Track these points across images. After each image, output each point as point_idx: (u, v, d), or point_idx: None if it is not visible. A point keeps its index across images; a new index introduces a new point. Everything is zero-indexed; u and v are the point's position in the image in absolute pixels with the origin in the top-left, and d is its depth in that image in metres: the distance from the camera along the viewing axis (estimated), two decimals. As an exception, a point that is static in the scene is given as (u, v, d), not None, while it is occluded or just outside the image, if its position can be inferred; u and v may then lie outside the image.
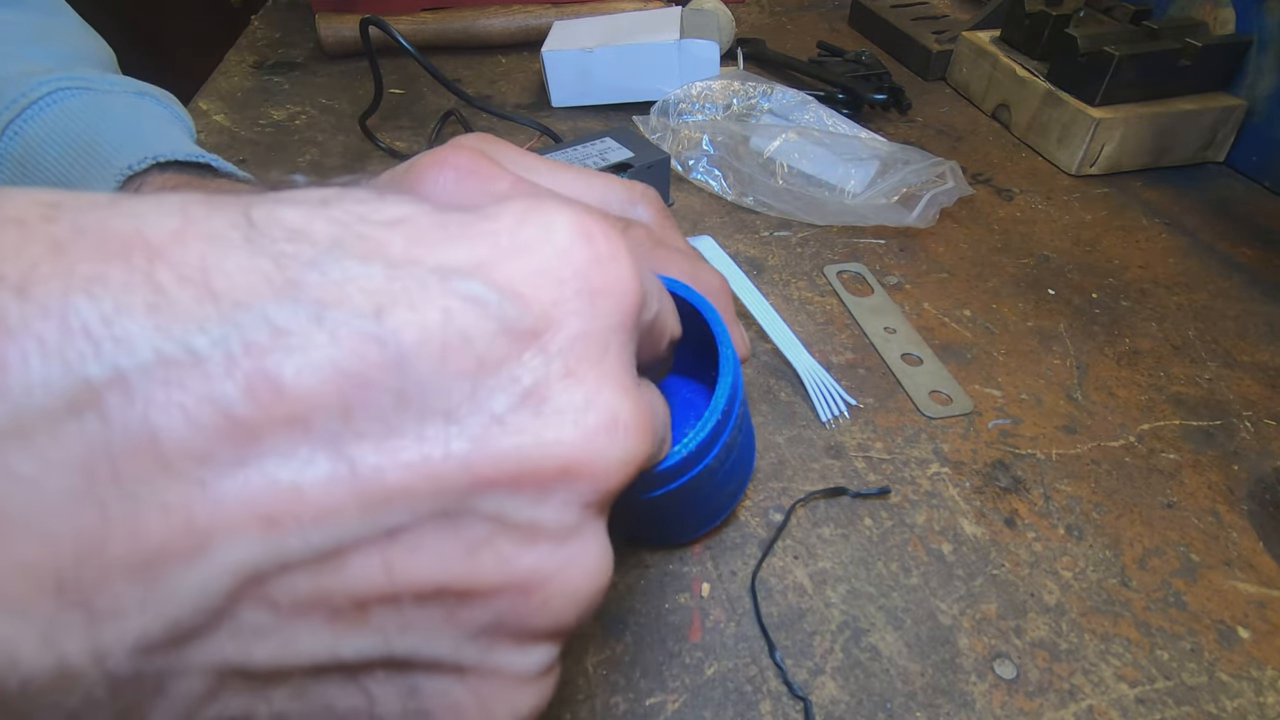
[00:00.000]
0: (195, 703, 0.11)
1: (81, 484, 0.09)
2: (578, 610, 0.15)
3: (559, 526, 0.14)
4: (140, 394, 0.10)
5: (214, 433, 0.10)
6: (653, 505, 0.24)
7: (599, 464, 0.14)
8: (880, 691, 0.27)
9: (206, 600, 0.10)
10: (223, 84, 0.68)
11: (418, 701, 0.14)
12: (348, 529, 0.11)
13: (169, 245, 0.11)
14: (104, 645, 0.10)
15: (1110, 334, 0.43)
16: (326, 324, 0.11)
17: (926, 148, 0.55)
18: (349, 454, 0.11)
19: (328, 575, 0.11)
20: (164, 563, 0.10)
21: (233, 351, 0.10)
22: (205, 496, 0.10)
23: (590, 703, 0.26)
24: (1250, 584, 0.31)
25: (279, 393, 0.11)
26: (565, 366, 0.13)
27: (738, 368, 0.24)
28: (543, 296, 0.13)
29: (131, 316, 0.10)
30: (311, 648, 0.12)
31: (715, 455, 0.24)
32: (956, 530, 0.32)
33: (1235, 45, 0.56)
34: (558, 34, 0.65)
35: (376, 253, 0.12)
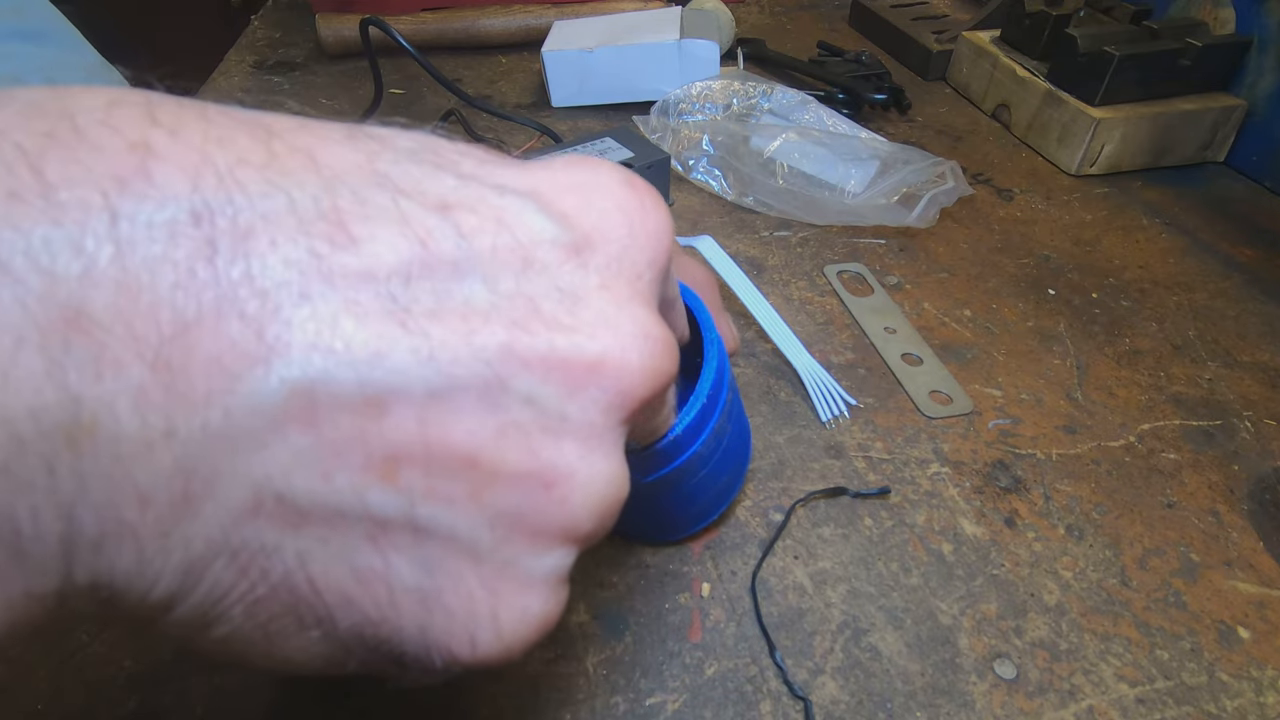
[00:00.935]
0: (236, 515, 0.12)
1: (187, 279, 0.11)
2: (592, 516, 0.15)
3: (585, 424, 0.14)
4: (244, 222, 0.12)
5: (295, 266, 0.12)
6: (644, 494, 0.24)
7: (626, 368, 0.15)
8: (880, 691, 0.27)
9: (262, 406, 0.12)
10: (223, 84, 0.68)
11: (432, 579, 0.14)
12: (395, 377, 0.12)
13: (286, 131, 0.13)
14: (177, 424, 0.11)
15: (1110, 334, 0.43)
16: (401, 206, 0.13)
17: (926, 148, 0.55)
18: (403, 311, 0.13)
19: (370, 419, 0.12)
20: (234, 363, 0.11)
21: (323, 207, 0.12)
22: (278, 316, 0.12)
23: (590, 703, 0.26)
24: (1250, 584, 0.31)
25: (354, 246, 0.12)
26: (602, 281, 0.15)
27: (722, 352, 0.25)
28: (586, 221, 0.15)
29: (250, 166, 0.12)
30: (343, 488, 0.13)
31: (704, 441, 0.24)
32: (956, 530, 0.32)
33: (1235, 45, 0.56)
34: (558, 34, 0.65)
35: (447, 166, 0.15)
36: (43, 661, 0.26)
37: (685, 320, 0.23)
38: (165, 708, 0.26)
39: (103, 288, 0.11)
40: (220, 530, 0.12)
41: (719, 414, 0.24)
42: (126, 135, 0.11)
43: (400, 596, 0.14)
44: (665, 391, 0.17)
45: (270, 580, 0.13)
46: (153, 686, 0.26)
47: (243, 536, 0.12)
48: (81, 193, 0.11)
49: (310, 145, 0.13)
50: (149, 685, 0.26)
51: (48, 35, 0.40)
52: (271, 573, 0.13)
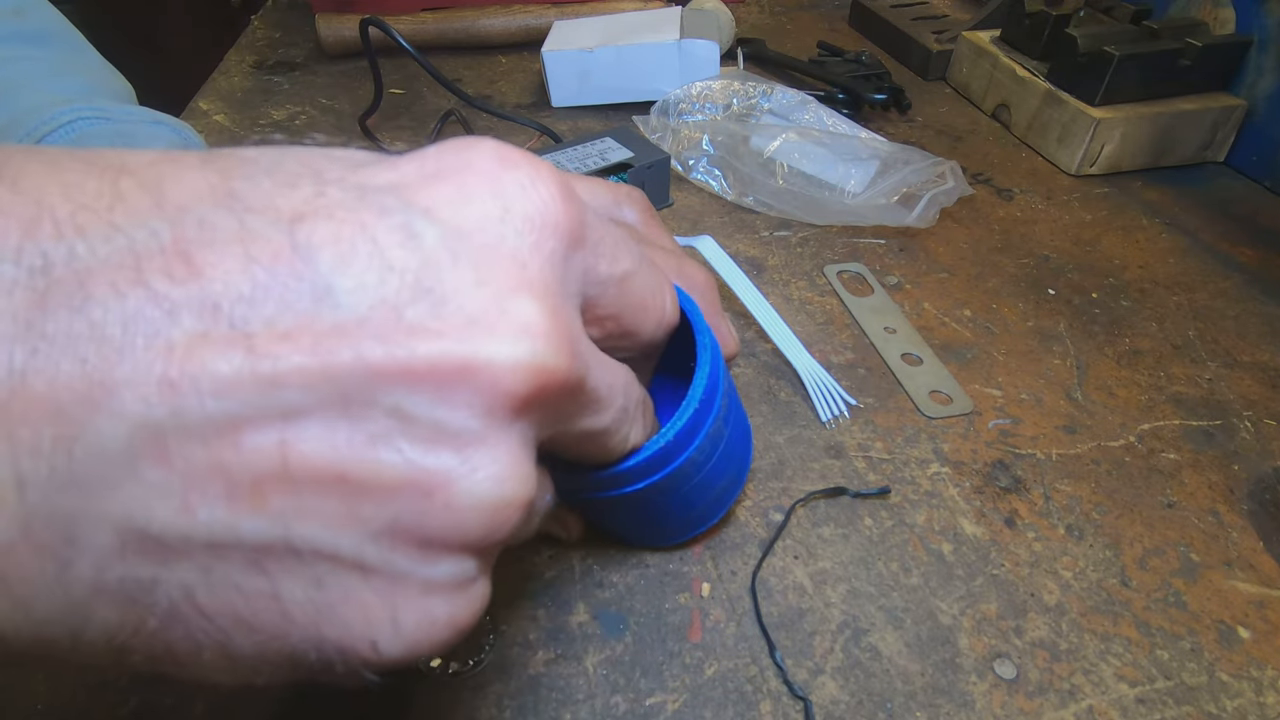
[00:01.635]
0: (104, 556, 0.12)
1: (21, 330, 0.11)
2: (483, 521, 0.15)
3: (462, 430, 0.14)
4: (83, 268, 0.12)
5: (135, 302, 0.12)
6: (638, 500, 0.24)
7: (499, 367, 0.14)
8: (880, 691, 0.27)
9: (111, 447, 0.12)
10: (223, 84, 0.68)
11: (323, 594, 0.14)
12: (243, 403, 0.12)
13: (140, 168, 0.13)
14: (24, 475, 0.11)
15: (1110, 334, 0.43)
16: (248, 224, 0.13)
17: (926, 148, 0.55)
18: (248, 336, 0.12)
19: (224, 447, 0.12)
20: (75, 407, 0.11)
21: (164, 242, 0.12)
22: (117, 355, 0.12)
23: (590, 703, 0.26)
24: (1250, 584, 0.31)
25: (194, 275, 0.12)
26: (476, 275, 0.14)
27: (717, 356, 0.24)
28: (455, 210, 0.15)
29: (93, 212, 0.12)
30: (210, 520, 0.12)
31: (698, 446, 0.24)
32: (956, 530, 0.32)
33: (1235, 45, 0.56)
34: (558, 34, 0.65)
35: (310, 175, 0.14)
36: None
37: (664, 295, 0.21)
38: (165, 708, 0.26)
39: None
40: (93, 571, 0.12)
41: (713, 419, 0.24)
42: None
43: (293, 611, 0.14)
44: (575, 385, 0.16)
45: (157, 613, 0.13)
46: (152, 686, 0.26)
47: (116, 575, 0.12)
48: None
49: (160, 178, 0.13)
50: (149, 685, 0.26)
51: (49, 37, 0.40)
52: (156, 606, 0.13)
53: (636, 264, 0.19)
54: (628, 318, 0.20)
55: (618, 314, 0.19)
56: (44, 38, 0.39)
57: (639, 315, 0.20)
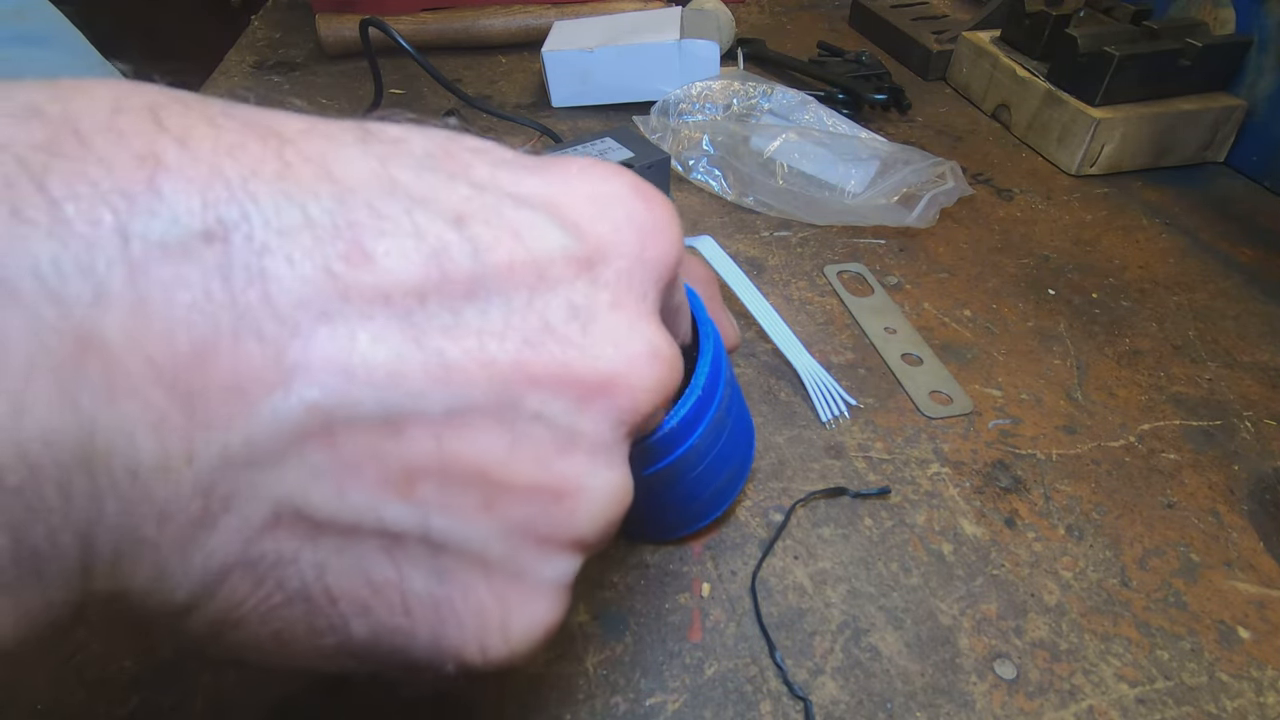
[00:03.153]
0: (255, 530, 0.12)
1: (203, 300, 0.11)
2: (598, 526, 0.16)
3: (594, 439, 0.15)
4: (259, 239, 0.11)
5: (312, 285, 0.12)
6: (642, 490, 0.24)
7: (636, 385, 0.15)
8: (880, 691, 0.27)
9: (282, 428, 0.12)
10: (223, 84, 0.68)
11: (445, 588, 0.14)
12: (409, 398, 0.12)
13: (297, 136, 0.13)
14: (197, 448, 0.11)
15: (1110, 334, 0.43)
16: (416, 219, 0.13)
17: (926, 148, 0.55)
18: (420, 330, 0.13)
19: (386, 438, 0.13)
20: (253, 386, 0.11)
21: (338, 222, 0.12)
22: (296, 337, 0.12)
23: (590, 703, 0.26)
24: (1250, 584, 0.31)
25: (370, 263, 0.12)
26: (613, 297, 0.15)
27: (719, 346, 0.25)
28: (599, 232, 0.15)
29: (262, 179, 0.12)
30: (359, 503, 0.13)
31: (700, 434, 0.24)
32: (956, 530, 0.32)
33: (1235, 45, 0.56)
34: (558, 34, 0.65)
35: (462, 172, 0.14)
36: (43, 661, 0.26)
37: (689, 322, 0.23)
38: (165, 708, 0.26)
39: (115, 311, 0.10)
40: (240, 543, 0.12)
41: (716, 407, 0.24)
42: (133, 145, 0.11)
43: (414, 605, 0.14)
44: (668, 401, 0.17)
45: (287, 589, 0.13)
46: (153, 686, 0.26)
47: (261, 549, 0.12)
48: (89, 210, 0.10)
49: (323, 151, 0.13)
50: (149, 685, 0.26)
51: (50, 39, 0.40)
52: (288, 582, 0.13)
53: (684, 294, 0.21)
54: None
55: None
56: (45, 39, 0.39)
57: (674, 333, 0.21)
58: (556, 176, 0.16)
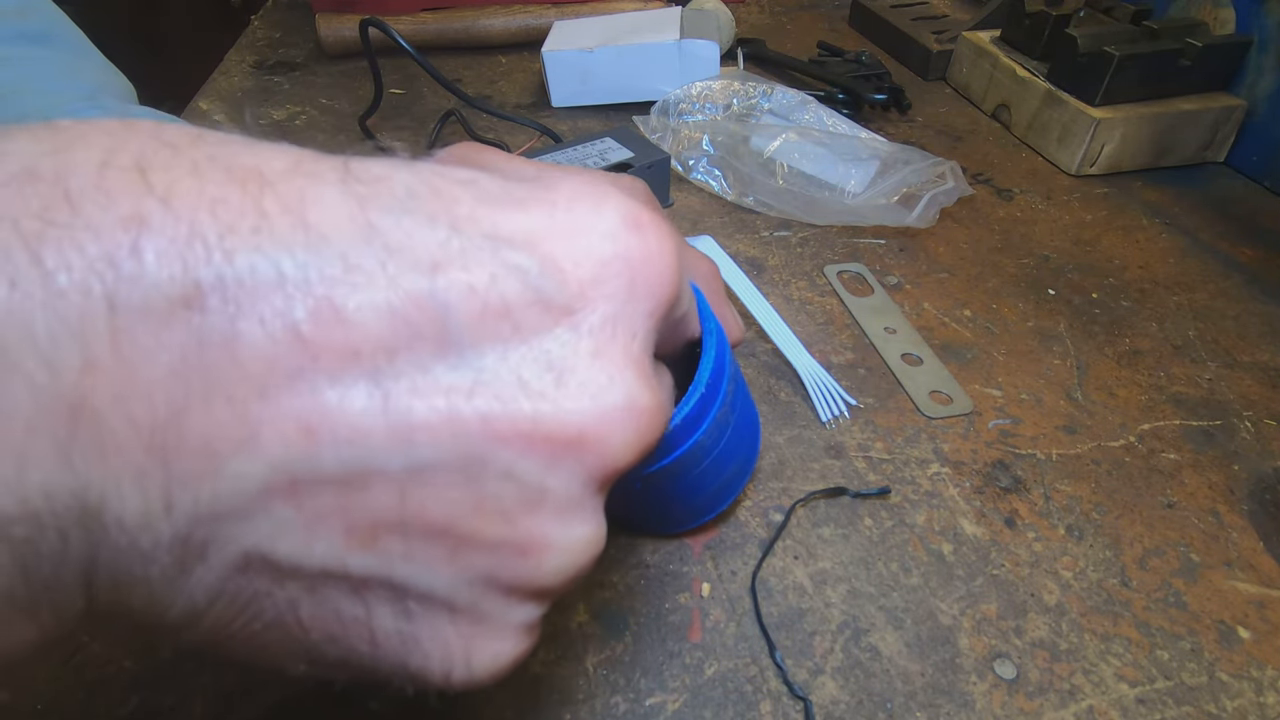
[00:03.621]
0: (229, 571, 0.13)
1: (179, 364, 0.11)
2: (565, 578, 0.16)
3: (563, 496, 0.15)
4: (234, 300, 0.12)
5: (280, 344, 0.12)
6: (647, 484, 0.24)
7: (610, 442, 0.15)
8: (880, 691, 0.27)
9: (247, 486, 0.12)
10: (223, 84, 0.68)
11: (412, 627, 0.15)
12: (374, 455, 0.13)
13: (279, 178, 0.13)
14: (174, 501, 0.12)
15: (1110, 334, 0.43)
16: (389, 270, 0.13)
17: (926, 148, 0.55)
18: (386, 388, 0.13)
19: (351, 494, 0.13)
20: (221, 445, 0.12)
21: (310, 278, 0.12)
22: (262, 398, 0.12)
23: (590, 703, 0.26)
24: (1250, 584, 0.31)
25: (339, 320, 0.12)
26: (594, 346, 0.15)
27: (722, 341, 0.25)
28: (583, 275, 0.15)
29: (239, 235, 0.12)
30: (324, 554, 0.13)
31: (705, 430, 0.24)
32: (956, 530, 0.32)
33: (1235, 45, 0.56)
34: (558, 34, 0.65)
35: (444, 211, 0.14)
36: (43, 661, 0.26)
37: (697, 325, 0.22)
38: (165, 708, 0.26)
39: (102, 377, 0.11)
40: (215, 582, 0.13)
41: (719, 403, 0.24)
42: (119, 208, 0.11)
43: (381, 638, 0.15)
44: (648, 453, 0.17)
45: (263, 619, 0.14)
46: (153, 686, 0.26)
47: (236, 586, 0.13)
48: (80, 279, 0.11)
49: (301, 196, 0.13)
50: (149, 685, 0.26)
51: (53, 38, 0.40)
52: (264, 614, 0.14)
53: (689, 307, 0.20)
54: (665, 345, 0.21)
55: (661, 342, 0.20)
56: (47, 38, 0.39)
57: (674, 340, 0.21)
58: (541, 211, 0.15)
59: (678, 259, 0.16)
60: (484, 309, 0.14)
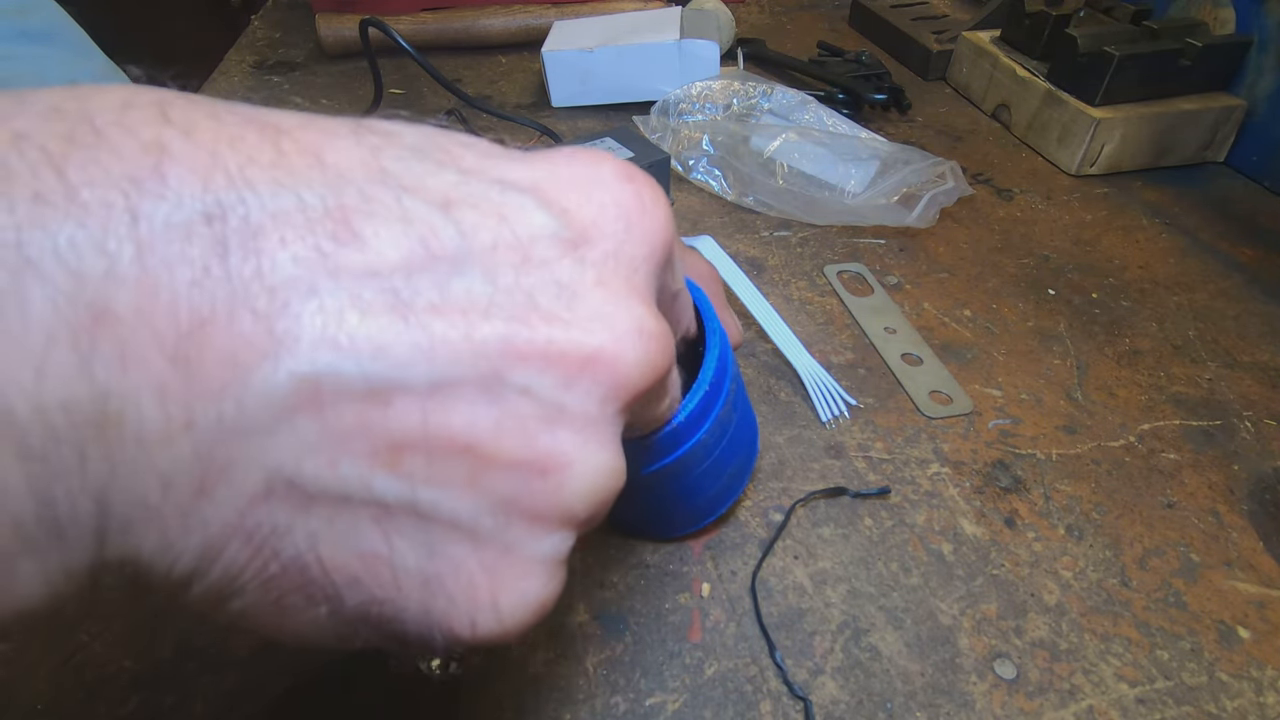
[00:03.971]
0: (250, 499, 0.13)
1: (202, 276, 0.12)
2: (587, 501, 0.16)
3: (580, 414, 0.15)
4: (255, 220, 0.12)
5: (303, 262, 0.12)
6: (648, 486, 0.24)
7: (621, 361, 0.15)
8: (880, 691, 0.27)
9: (272, 397, 0.12)
10: (223, 84, 0.68)
11: (434, 563, 0.15)
12: (396, 369, 0.13)
13: (294, 129, 0.14)
14: (195, 416, 0.12)
15: (1110, 334, 0.43)
16: (404, 203, 0.14)
17: (926, 148, 0.55)
18: (405, 306, 0.13)
19: (373, 410, 0.13)
20: (246, 356, 0.12)
21: (329, 205, 0.13)
22: (286, 311, 0.12)
23: (590, 703, 0.26)
24: (1250, 584, 0.31)
25: (359, 243, 0.13)
26: (598, 276, 0.15)
27: (725, 342, 0.25)
28: (584, 216, 0.16)
29: (259, 165, 0.13)
30: (348, 474, 0.13)
31: (707, 430, 0.24)
32: (956, 530, 0.32)
33: (1235, 45, 0.56)
34: (558, 34, 0.65)
35: (450, 161, 0.15)
36: (43, 661, 0.26)
37: (691, 312, 0.23)
38: (165, 708, 0.26)
39: (125, 286, 0.11)
40: (235, 513, 0.13)
41: (722, 403, 0.24)
42: (141, 136, 0.12)
43: (403, 578, 0.15)
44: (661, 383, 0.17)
45: (281, 559, 0.14)
46: (153, 686, 0.26)
47: (256, 519, 0.13)
48: (103, 194, 0.11)
49: (317, 143, 0.14)
50: (149, 685, 0.26)
51: (54, 36, 0.40)
52: (283, 552, 0.13)
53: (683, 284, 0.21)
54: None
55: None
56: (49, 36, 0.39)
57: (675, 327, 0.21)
58: (543, 163, 0.16)
59: (668, 214, 0.17)
60: (495, 240, 0.14)
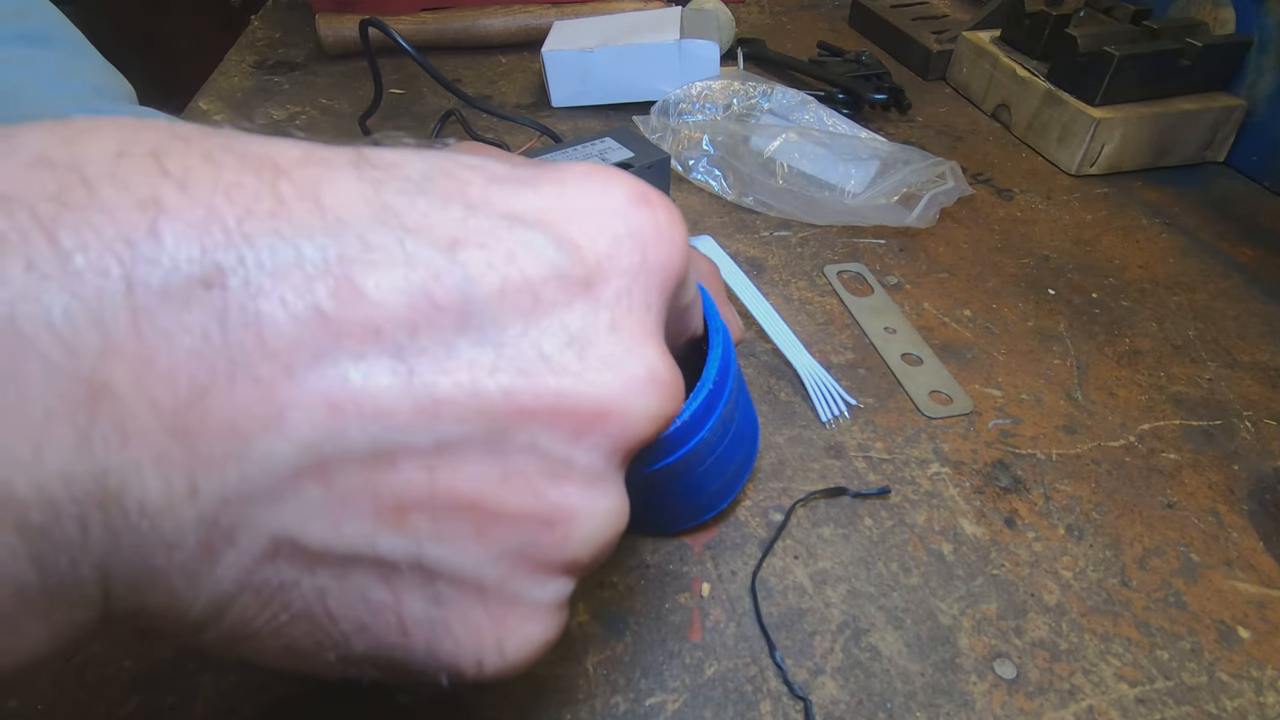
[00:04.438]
0: (256, 559, 0.13)
1: (201, 345, 0.11)
2: (592, 551, 0.16)
3: (587, 468, 0.15)
4: (255, 281, 0.12)
5: (304, 324, 0.12)
6: (650, 484, 0.25)
7: (632, 414, 0.15)
8: (880, 691, 0.27)
9: (276, 466, 0.12)
10: (223, 84, 0.68)
11: (441, 611, 0.15)
12: (400, 431, 0.13)
13: (292, 167, 0.13)
14: (199, 485, 0.12)
15: (1110, 334, 0.43)
16: (407, 248, 0.13)
17: (926, 148, 0.55)
18: (410, 365, 0.13)
19: (379, 472, 0.13)
20: (248, 425, 0.12)
21: (329, 259, 0.12)
22: (288, 377, 0.12)
23: (590, 703, 0.26)
24: (1250, 584, 0.31)
25: (360, 299, 0.12)
26: (612, 319, 0.15)
27: (728, 340, 0.25)
28: (598, 249, 0.15)
29: (257, 218, 0.12)
30: (353, 535, 0.13)
31: (710, 428, 0.24)
32: (956, 530, 0.32)
33: (1235, 45, 0.56)
34: (558, 34, 0.65)
35: (457, 193, 0.14)
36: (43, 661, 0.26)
37: (700, 315, 0.23)
38: (165, 708, 0.26)
39: (122, 359, 0.11)
40: (242, 571, 0.13)
41: (725, 401, 0.24)
42: (136, 192, 0.11)
43: (411, 626, 0.15)
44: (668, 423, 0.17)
45: (291, 610, 0.14)
46: (152, 686, 0.26)
47: (264, 575, 0.13)
48: (96, 259, 0.11)
49: (316, 182, 0.13)
50: (149, 685, 0.26)
51: (52, 39, 0.40)
52: (292, 605, 0.13)
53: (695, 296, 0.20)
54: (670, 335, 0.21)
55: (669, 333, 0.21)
56: (46, 39, 0.39)
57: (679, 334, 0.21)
58: (552, 190, 0.15)
59: (685, 236, 0.17)
60: (503, 284, 0.14)
